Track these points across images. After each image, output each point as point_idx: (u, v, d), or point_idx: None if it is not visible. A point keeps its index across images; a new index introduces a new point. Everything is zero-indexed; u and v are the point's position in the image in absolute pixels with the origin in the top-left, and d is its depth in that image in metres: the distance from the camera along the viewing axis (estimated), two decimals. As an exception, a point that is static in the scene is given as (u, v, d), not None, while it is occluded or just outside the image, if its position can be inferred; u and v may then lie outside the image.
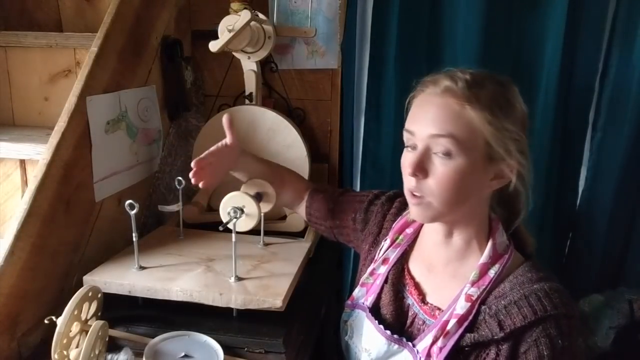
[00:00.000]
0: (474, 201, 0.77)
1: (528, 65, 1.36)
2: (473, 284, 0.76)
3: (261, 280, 0.98)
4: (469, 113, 0.71)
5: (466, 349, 0.74)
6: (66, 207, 0.97)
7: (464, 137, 0.71)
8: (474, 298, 0.75)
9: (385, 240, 0.91)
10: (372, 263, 0.91)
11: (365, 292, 0.89)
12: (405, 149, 0.77)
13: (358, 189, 1.52)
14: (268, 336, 0.90)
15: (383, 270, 0.88)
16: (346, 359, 0.91)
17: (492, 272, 0.76)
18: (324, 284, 1.23)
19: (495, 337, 0.71)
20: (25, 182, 1.07)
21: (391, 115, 1.42)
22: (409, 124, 0.77)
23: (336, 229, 1.04)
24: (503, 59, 1.36)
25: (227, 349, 0.87)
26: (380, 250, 0.91)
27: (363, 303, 0.87)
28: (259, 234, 1.14)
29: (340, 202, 1.03)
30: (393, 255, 0.88)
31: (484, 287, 0.75)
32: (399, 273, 0.86)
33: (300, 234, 1.25)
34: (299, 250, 1.14)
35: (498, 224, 0.80)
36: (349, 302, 0.91)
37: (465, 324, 0.74)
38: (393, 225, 0.92)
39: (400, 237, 0.90)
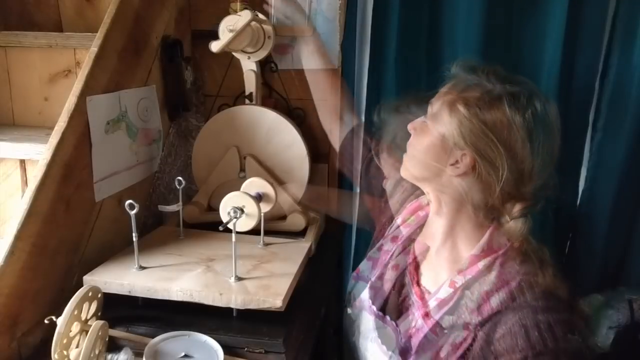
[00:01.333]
0: (440, 177, 0.81)
1: (528, 66, 1.36)
2: (459, 272, 0.79)
3: (261, 280, 0.98)
4: (455, 103, 0.77)
5: (445, 331, 0.76)
6: (66, 207, 0.97)
7: (441, 117, 0.79)
8: (457, 285, 0.78)
9: (397, 218, 0.95)
10: (382, 239, 0.94)
11: (371, 266, 0.93)
12: None
13: (358, 189, 1.52)
14: (268, 336, 0.90)
15: (391, 247, 0.91)
16: (348, 329, 0.94)
17: (481, 264, 0.78)
18: (324, 283, 1.23)
19: (473, 322, 0.74)
20: (25, 182, 1.07)
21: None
22: None
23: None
24: (503, 59, 1.35)
25: (227, 349, 0.87)
26: (391, 227, 0.95)
27: (367, 276, 0.91)
28: (259, 234, 1.14)
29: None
30: (402, 235, 0.91)
31: (470, 276, 0.78)
32: (405, 253, 0.90)
33: (300, 234, 1.25)
34: (299, 250, 1.14)
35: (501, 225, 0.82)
36: (354, 274, 0.95)
37: (445, 308, 0.77)
38: (406, 206, 0.96)
39: (412, 217, 0.93)
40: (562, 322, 0.71)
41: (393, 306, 0.86)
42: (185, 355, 0.85)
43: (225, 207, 1.00)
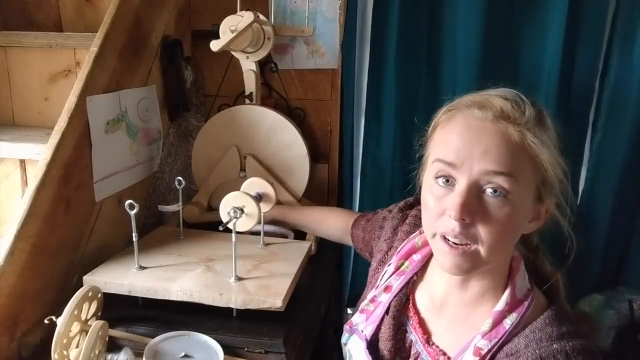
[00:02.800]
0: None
1: (528, 66, 1.36)
2: (484, 335, 0.64)
3: (261, 280, 0.98)
4: (531, 145, 0.60)
5: None
6: (66, 207, 0.97)
7: (524, 174, 0.60)
8: (483, 352, 0.64)
9: (389, 265, 0.81)
10: (374, 289, 0.82)
11: (364, 319, 0.80)
12: (435, 182, 0.65)
13: (358, 189, 1.53)
14: (268, 336, 0.90)
15: (384, 299, 0.78)
16: None
17: (507, 323, 0.64)
18: (324, 284, 1.23)
19: None
20: (25, 182, 1.07)
21: (391, 115, 1.42)
22: (446, 154, 0.63)
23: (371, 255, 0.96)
24: (503, 59, 1.36)
25: (227, 349, 0.87)
26: (383, 275, 0.82)
27: (362, 331, 0.79)
28: (259, 234, 1.14)
29: (367, 228, 1.01)
30: (397, 284, 0.78)
31: (496, 339, 0.64)
32: (403, 304, 0.76)
33: (300, 234, 1.25)
34: (299, 250, 1.14)
35: (519, 263, 0.69)
36: (347, 326, 0.83)
37: None
38: (399, 249, 0.81)
39: (406, 263, 0.79)
40: None
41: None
42: (185, 355, 0.85)
43: (225, 207, 1.00)
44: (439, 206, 0.62)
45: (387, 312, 0.77)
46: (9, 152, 1.04)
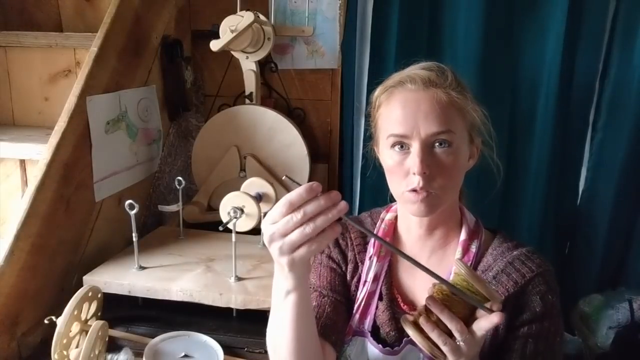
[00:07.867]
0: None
1: (529, 66, 1.36)
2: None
3: (261, 280, 0.98)
4: (456, 101, 0.73)
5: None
6: (66, 207, 0.97)
7: (458, 124, 0.73)
8: None
9: (372, 258, 0.83)
10: (363, 286, 0.82)
11: (359, 318, 0.81)
12: (393, 151, 0.74)
13: (358, 189, 1.53)
14: (268, 336, 0.90)
15: (374, 287, 0.82)
16: None
17: (473, 247, 0.79)
18: (324, 284, 1.23)
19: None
20: (25, 182, 1.07)
21: (391, 115, 1.42)
22: (396, 128, 0.73)
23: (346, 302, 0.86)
24: (504, 60, 1.36)
25: (227, 349, 0.87)
26: (369, 269, 0.83)
27: (361, 328, 0.81)
28: (259, 234, 1.14)
29: (331, 307, 0.85)
30: (382, 270, 0.82)
31: (470, 262, 0.78)
32: (390, 287, 0.82)
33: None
34: (299, 250, 1.13)
35: (463, 205, 0.84)
36: (347, 336, 0.81)
37: None
38: (372, 242, 0.84)
39: (382, 250, 0.83)
40: (555, 278, 0.77)
41: (401, 340, 0.78)
42: (185, 355, 0.85)
43: (225, 207, 1.00)
44: (401, 169, 0.74)
45: (380, 298, 0.82)
46: (9, 152, 1.05)
